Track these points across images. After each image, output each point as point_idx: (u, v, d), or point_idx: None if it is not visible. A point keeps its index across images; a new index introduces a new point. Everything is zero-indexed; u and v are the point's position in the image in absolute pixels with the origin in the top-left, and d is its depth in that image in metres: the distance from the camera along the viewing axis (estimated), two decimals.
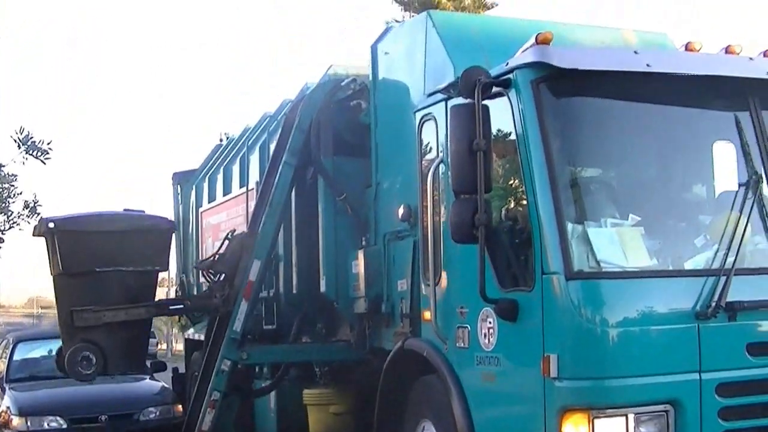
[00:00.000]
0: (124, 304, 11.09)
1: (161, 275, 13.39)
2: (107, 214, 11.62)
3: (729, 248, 7.50)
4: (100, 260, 10.99)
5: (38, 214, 14.51)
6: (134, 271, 11.25)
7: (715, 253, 7.56)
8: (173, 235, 11.90)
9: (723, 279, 7.35)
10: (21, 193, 17.40)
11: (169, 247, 11.84)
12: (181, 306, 13.09)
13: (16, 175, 16.94)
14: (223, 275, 11.67)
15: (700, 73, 7.88)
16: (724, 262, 7.45)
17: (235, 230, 12.30)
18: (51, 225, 11.02)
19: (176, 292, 19.64)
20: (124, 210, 11.83)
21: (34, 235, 11.52)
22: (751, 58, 8.41)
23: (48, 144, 15.17)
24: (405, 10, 44.47)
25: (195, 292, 16.53)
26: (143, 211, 11.91)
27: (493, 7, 45.57)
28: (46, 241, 11.17)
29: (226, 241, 11.90)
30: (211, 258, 12.04)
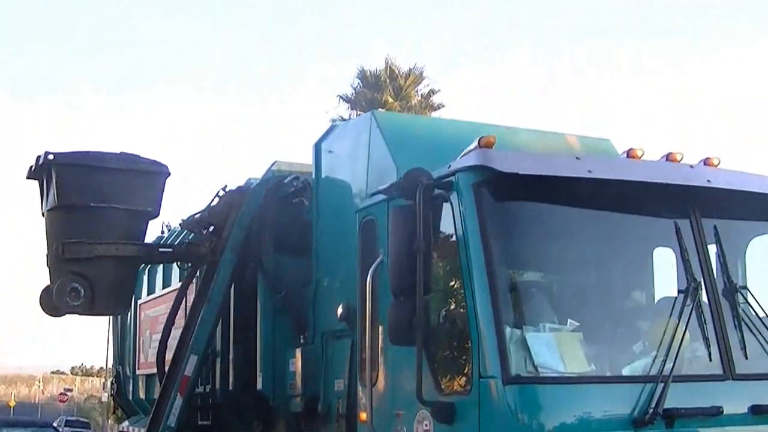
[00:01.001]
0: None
1: (100, 369, 13.12)
2: (108, 153, 11.49)
3: (667, 355, 7.48)
4: (96, 196, 11.02)
5: None
6: (128, 210, 11.26)
7: (654, 360, 7.53)
8: (166, 182, 11.75)
9: (661, 386, 7.31)
10: None
11: (163, 193, 11.73)
12: (170, 251, 12.75)
13: None
14: (212, 227, 11.68)
15: (641, 180, 7.94)
16: (662, 369, 7.43)
17: (227, 185, 12.17)
18: (51, 157, 11.02)
19: (111, 383, 19.37)
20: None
21: (28, 176, 11.49)
22: (691, 166, 8.53)
23: None
24: (351, 108, 44.89)
25: (131, 386, 16.32)
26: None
27: (440, 107, 46.20)
28: (42, 179, 11.23)
29: (216, 198, 11.87)
30: (199, 213, 12.00)
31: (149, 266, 16.12)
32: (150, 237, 17.21)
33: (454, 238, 7.67)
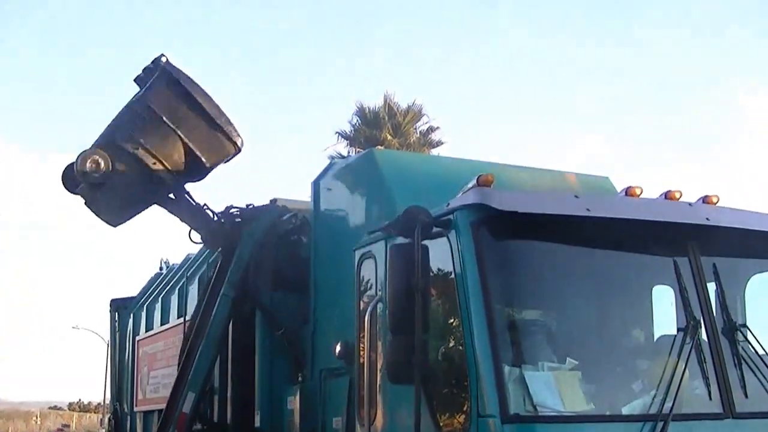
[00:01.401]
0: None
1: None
2: (208, 96, 11.46)
3: (666, 393, 7.44)
4: (172, 115, 11.12)
5: None
6: (187, 146, 11.20)
7: (653, 398, 7.48)
8: (231, 156, 11.74)
9: (660, 424, 7.27)
10: None
11: (222, 162, 11.73)
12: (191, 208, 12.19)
13: None
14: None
15: (639, 218, 7.94)
16: (662, 408, 7.39)
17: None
18: (164, 60, 11.32)
19: (109, 419, 19.36)
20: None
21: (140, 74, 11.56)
22: (690, 204, 8.52)
23: None
24: (350, 146, 44.89)
25: (129, 423, 16.29)
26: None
27: (439, 145, 46.20)
28: (148, 75, 11.39)
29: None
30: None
31: (148, 302, 16.14)
32: (148, 274, 17.29)
33: (452, 277, 7.65)
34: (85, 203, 11.44)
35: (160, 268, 17.07)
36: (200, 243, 12.02)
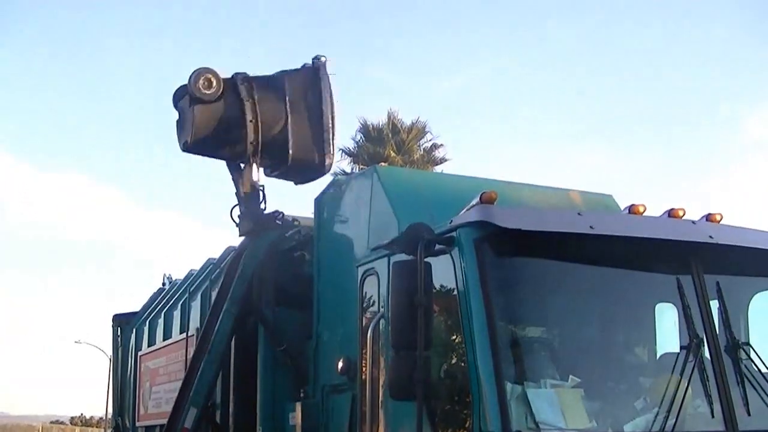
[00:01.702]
0: None
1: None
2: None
3: (669, 411, 7.43)
4: (294, 105, 11.42)
5: None
6: (287, 132, 11.37)
7: (656, 416, 7.47)
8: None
9: None
10: None
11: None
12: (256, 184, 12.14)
13: None
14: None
15: (643, 236, 7.93)
16: (664, 426, 7.37)
17: None
18: (323, 59, 11.59)
19: None
20: None
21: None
22: (693, 222, 8.52)
23: None
24: (353, 162, 44.81)
25: None
26: None
27: (443, 162, 46.11)
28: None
29: None
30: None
31: (150, 317, 16.14)
32: (152, 288, 17.31)
33: (455, 294, 7.65)
34: (177, 120, 11.71)
35: (163, 284, 17.08)
36: (236, 223, 11.93)
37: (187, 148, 11.61)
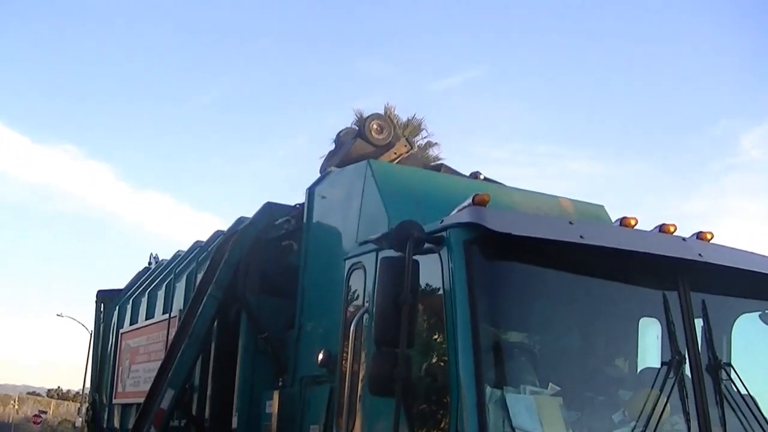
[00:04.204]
0: None
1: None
2: None
3: (646, 427, 7.41)
4: None
5: None
6: None
7: (632, 430, 7.46)
8: None
9: None
10: None
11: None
12: None
13: None
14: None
15: (632, 249, 7.91)
16: None
17: None
18: None
19: (87, 409, 19.34)
20: None
21: None
22: (684, 239, 8.49)
23: None
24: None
25: (106, 414, 16.26)
26: None
27: (436, 160, 46.00)
28: None
29: None
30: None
31: (134, 296, 16.12)
32: (137, 267, 17.28)
33: (440, 293, 7.62)
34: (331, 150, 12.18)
35: (149, 263, 17.08)
36: None
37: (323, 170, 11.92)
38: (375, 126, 11.42)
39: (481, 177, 10.89)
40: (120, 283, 18.00)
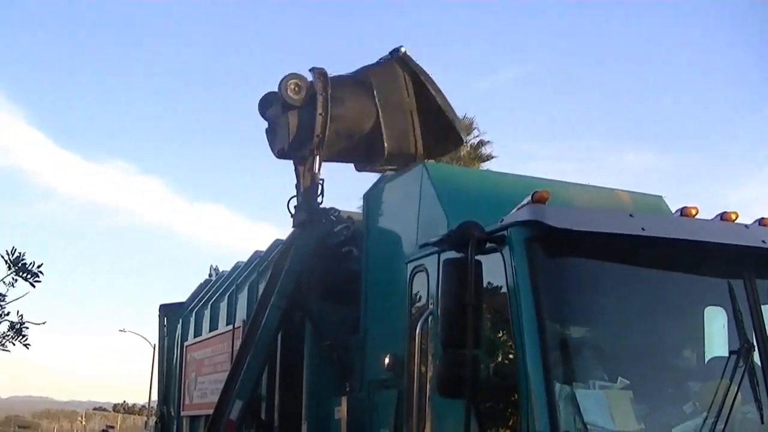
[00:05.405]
0: None
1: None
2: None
3: (718, 416, 7.39)
4: (385, 99, 11.68)
5: (24, 336, 14.28)
6: (380, 126, 11.68)
7: (704, 421, 7.44)
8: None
9: None
10: (8, 314, 17.19)
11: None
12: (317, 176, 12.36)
13: (5, 296, 16.84)
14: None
15: (695, 239, 7.88)
16: (713, 431, 7.33)
17: None
18: (403, 50, 11.84)
19: (156, 422, 19.49)
20: None
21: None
22: (746, 226, 8.42)
23: (39, 267, 15.10)
24: None
25: (175, 427, 16.40)
26: None
27: (489, 159, 45.79)
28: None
29: None
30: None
31: (197, 308, 16.23)
32: (197, 280, 17.43)
33: (505, 292, 7.64)
34: (267, 129, 12.08)
35: (210, 275, 17.18)
36: (291, 214, 12.12)
37: (283, 154, 11.77)
38: (292, 87, 11.38)
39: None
40: (179, 295, 18.13)
